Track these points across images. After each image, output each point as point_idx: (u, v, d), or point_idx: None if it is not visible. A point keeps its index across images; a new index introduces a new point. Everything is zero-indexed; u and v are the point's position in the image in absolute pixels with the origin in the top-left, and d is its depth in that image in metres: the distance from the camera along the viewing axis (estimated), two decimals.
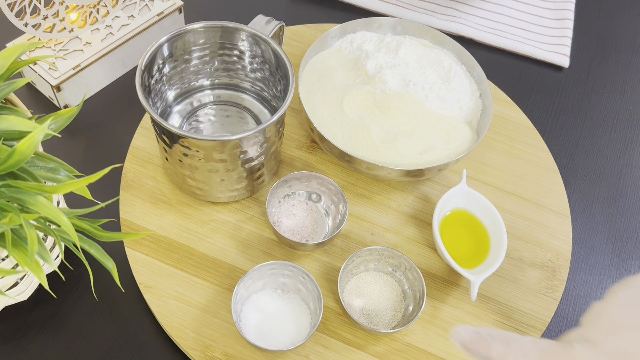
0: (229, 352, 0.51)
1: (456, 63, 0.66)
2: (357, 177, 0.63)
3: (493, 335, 0.41)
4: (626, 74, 0.79)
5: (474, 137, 0.61)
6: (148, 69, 0.54)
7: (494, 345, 0.40)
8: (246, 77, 0.62)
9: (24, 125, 0.40)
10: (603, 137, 0.73)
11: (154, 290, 0.54)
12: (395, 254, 0.54)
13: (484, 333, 0.41)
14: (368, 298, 0.54)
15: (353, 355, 0.52)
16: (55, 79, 0.63)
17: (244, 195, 0.59)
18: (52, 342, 0.53)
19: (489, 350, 0.40)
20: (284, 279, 0.53)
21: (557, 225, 0.62)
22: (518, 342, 0.41)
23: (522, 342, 0.41)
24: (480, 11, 0.82)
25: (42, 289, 0.54)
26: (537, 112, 0.74)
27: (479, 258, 0.57)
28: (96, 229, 0.44)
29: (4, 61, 0.43)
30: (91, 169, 0.62)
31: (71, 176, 0.44)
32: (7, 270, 0.40)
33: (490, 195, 0.63)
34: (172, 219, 0.58)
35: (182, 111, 0.62)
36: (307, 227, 0.58)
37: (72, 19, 0.65)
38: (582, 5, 0.86)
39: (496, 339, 0.41)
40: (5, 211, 0.39)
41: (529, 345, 0.41)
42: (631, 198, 0.68)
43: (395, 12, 0.80)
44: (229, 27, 0.56)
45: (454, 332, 0.42)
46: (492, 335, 0.41)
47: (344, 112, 0.60)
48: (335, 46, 0.67)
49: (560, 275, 0.59)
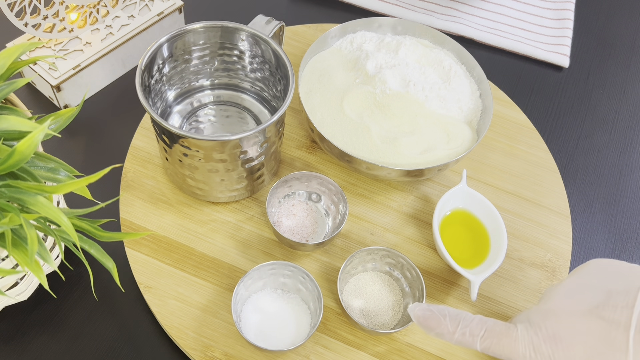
0: (229, 352, 0.51)
1: (456, 63, 0.66)
2: (357, 177, 0.63)
3: (445, 313, 0.45)
4: (626, 74, 0.79)
5: (474, 137, 0.61)
6: (148, 69, 0.54)
7: (444, 323, 0.44)
8: (246, 77, 0.62)
9: (24, 125, 0.40)
10: (603, 137, 0.73)
11: (154, 290, 0.54)
12: (393, 253, 0.54)
13: (436, 311, 0.45)
14: (367, 298, 0.54)
15: (353, 355, 0.52)
16: (55, 79, 0.63)
17: (244, 195, 0.59)
18: (52, 342, 0.53)
19: (440, 326, 0.44)
20: (284, 279, 0.53)
21: (557, 225, 0.62)
22: (466, 320, 0.44)
23: (470, 320, 0.44)
24: (480, 11, 0.82)
25: (42, 289, 0.54)
26: (537, 112, 0.74)
27: (479, 258, 0.57)
28: (96, 229, 0.44)
29: (4, 61, 0.43)
30: (91, 169, 0.62)
31: (71, 176, 0.44)
32: (7, 270, 0.40)
33: (490, 195, 0.63)
34: (172, 219, 0.58)
35: (182, 111, 0.62)
36: (307, 227, 0.58)
37: (72, 19, 0.65)
38: (582, 5, 0.86)
39: (447, 317, 0.44)
40: (5, 211, 0.39)
41: (476, 322, 0.44)
42: (631, 198, 0.68)
43: (395, 12, 0.80)
44: (229, 27, 0.56)
45: (410, 309, 0.46)
46: (443, 313, 0.45)
47: (344, 112, 0.60)
48: (335, 46, 0.67)
49: (560, 275, 0.59)
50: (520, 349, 0.42)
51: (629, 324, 0.39)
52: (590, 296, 0.42)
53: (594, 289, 0.43)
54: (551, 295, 0.45)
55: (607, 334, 0.40)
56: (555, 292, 0.45)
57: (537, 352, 0.42)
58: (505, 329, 0.43)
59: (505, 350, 0.43)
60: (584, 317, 0.41)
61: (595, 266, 0.46)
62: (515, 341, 0.42)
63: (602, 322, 0.40)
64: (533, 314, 0.44)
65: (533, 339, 0.42)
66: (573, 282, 0.45)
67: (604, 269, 0.45)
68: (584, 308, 0.42)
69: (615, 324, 0.40)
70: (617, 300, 0.41)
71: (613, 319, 0.40)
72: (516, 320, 0.45)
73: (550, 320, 0.42)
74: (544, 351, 0.41)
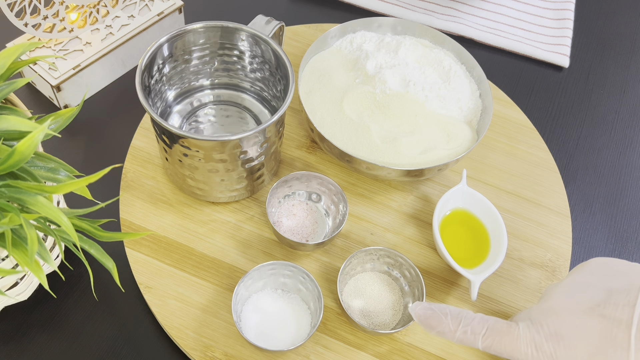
0: (229, 352, 0.51)
1: (456, 63, 0.66)
2: (357, 177, 0.63)
3: (446, 311, 0.45)
4: (626, 74, 0.79)
5: (474, 137, 0.61)
6: (148, 69, 0.54)
7: (445, 321, 0.44)
8: (246, 77, 0.62)
9: (24, 125, 0.40)
10: (603, 137, 0.73)
11: (154, 290, 0.54)
12: (391, 253, 0.54)
13: (437, 310, 0.45)
14: (367, 298, 0.54)
15: (353, 355, 0.52)
16: (55, 79, 0.63)
17: (244, 195, 0.59)
18: (52, 342, 0.53)
19: (441, 325, 0.44)
20: (284, 279, 0.53)
21: (557, 225, 0.62)
22: (468, 319, 0.44)
23: (472, 319, 0.44)
24: (480, 11, 0.82)
25: (42, 289, 0.54)
26: (537, 112, 0.74)
27: (479, 258, 0.57)
28: (96, 229, 0.44)
29: (4, 61, 0.43)
30: (91, 169, 0.62)
31: (71, 176, 0.44)
32: (7, 270, 0.40)
33: (490, 195, 0.63)
34: (172, 219, 0.58)
35: (182, 111, 0.62)
36: (307, 227, 0.58)
37: (72, 19, 0.65)
38: (582, 5, 0.86)
39: (448, 316, 0.44)
40: (5, 211, 0.39)
41: (477, 321, 0.44)
42: (631, 198, 0.68)
43: (395, 12, 0.80)
44: (229, 27, 0.56)
45: (411, 308, 0.46)
46: (444, 311, 0.44)
47: (344, 112, 0.60)
48: (335, 46, 0.67)
49: (560, 275, 0.59)
50: (522, 347, 0.42)
51: (630, 322, 0.40)
52: (591, 294, 0.43)
53: (595, 288, 0.43)
54: (552, 293, 0.45)
55: (609, 332, 0.40)
56: (556, 291, 0.45)
57: (539, 350, 0.42)
58: (506, 327, 0.43)
59: (507, 349, 0.43)
60: (585, 315, 0.41)
61: (596, 265, 0.46)
62: (517, 339, 0.43)
63: (603, 320, 0.41)
64: (534, 313, 0.44)
65: (535, 337, 0.42)
66: (574, 281, 0.45)
67: (605, 267, 0.45)
68: (586, 306, 0.42)
69: (616, 322, 0.40)
70: (618, 298, 0.41)
71: (614, 317, 0.40)
72: (517, 318, 0.45)
73: (552, 319, 0.42)
74: (546, 349, 0.41)
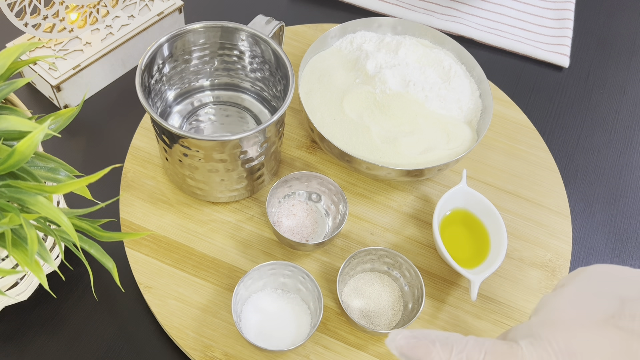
0: (229, 352, 0.51)
1: (456, 63, 0.66)
2: (357, 177, 0.63)
3: (432, 338, 0.38)
4: (626, 74, 0.79)
5: (474, 137, 0.61)
6: (148, 69, 0.54)
7: (435, 350, 0.38)
8: (246, 77, 0.62)
9: (24, 125, 0.40)
10: (603, 137, 0.73)
11: (154, 290, 0.54)
12: (390, 253, 0.54)
13: (421, 337, 0.38)
14: (367, 298, 0.54)
15: (353, 355, 0.52)
16: (55, 79, 0.63)
17: (244, 195, 0.59)
18: (52, 342, 0.53)
19: (430, 355, 0.37)
20: (284, 279, 0.53)
21: (557, 225, 0.62)
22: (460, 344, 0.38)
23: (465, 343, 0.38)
24: (480, 11, 0.82)
25: (42, 289, 0.54)
26: (537, 112, 0.74)
27: (479, 258, 0.57)
28: (96, 229, 0.44)
29: (4, 61, 0.43)
30: (91, 169, 0.62)
31: (71, 176, 0.44)
32: (7, 270, 0.40)
33: (490, 195, 0.63)
34: (172, 219, 0.58)
35: (182, 111, 0.62)
36: (307, 227, 0.58)
37: (72, 19, 0.65)
38: (582, 5, 0.86)
39: (436, 343, 0.38)
40: (5, 211, 0.39)
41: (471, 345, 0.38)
42: (631, 198, 0.68)
43: (395, 12, 0.80)
44: (229, 27, 0.56)
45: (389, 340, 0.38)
46: (431, 338, 0.38)
47: (344, 112, 0.60)
48: (335, 46, 0.67)
49: (560, 275, 0.59)
50: None
51: None
52: (602, 305, 0.39)
53: (603, 297, 0.40)
54: (553, 305, 0.41)
55: (629, 346, 0.37)
56: (558, 302, 0.41)
57: None
58: (507, 349, 0.38)
59: None
60: (599, 329, 0.38)
61: (598, 272, 0.42)
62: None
63: (620, 333, 0.37)
64: (536, 328, 0.40)
65: (543, 356, 0.38)
66: (576, 290, 0.41)
67: (609, 275, 0.42)
68: (599, 318, 0.38)
69: (635, 334, 0.37)
70: (633, 309, 0.38)
71: (632, 330, 0.37)
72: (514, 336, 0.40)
73: (561, 333, 0.38)
74: None
